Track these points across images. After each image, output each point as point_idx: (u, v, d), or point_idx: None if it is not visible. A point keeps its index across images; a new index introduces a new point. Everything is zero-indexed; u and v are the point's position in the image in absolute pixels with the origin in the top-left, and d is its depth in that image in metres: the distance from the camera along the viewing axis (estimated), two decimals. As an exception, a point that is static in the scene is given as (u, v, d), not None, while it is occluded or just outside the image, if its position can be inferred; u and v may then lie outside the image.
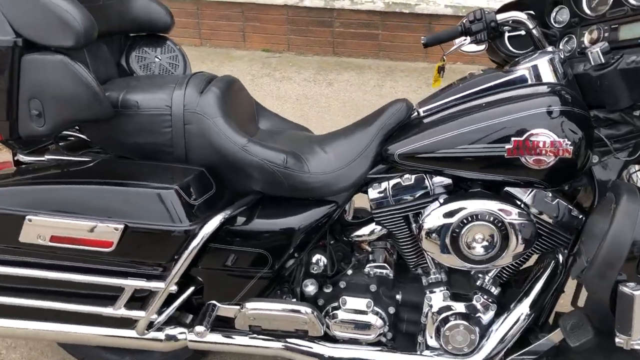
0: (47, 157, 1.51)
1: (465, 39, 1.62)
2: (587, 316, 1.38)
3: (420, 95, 3.69)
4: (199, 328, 1.40)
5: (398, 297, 1.56)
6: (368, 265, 1.59)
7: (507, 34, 1.68)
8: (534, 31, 1.54)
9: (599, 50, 1.34)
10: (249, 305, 1.45)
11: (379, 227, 1.55)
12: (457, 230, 1.37)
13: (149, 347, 1.52)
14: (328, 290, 1.58)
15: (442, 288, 1.52)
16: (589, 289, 1.25)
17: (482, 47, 1.71)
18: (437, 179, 1.46)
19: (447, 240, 1.39)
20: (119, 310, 1.39)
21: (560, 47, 1.53)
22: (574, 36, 1.50)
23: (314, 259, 1.59)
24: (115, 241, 1.31)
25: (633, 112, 1.39)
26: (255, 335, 1.49)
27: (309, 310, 1.47)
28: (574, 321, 1.38)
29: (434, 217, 1.40)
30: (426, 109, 1.49)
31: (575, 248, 1.45)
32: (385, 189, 1.48)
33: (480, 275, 1.54)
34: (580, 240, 1.38)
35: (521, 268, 1.56)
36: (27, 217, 1.31)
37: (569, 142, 1.31)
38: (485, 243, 1.38)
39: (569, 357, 1.48)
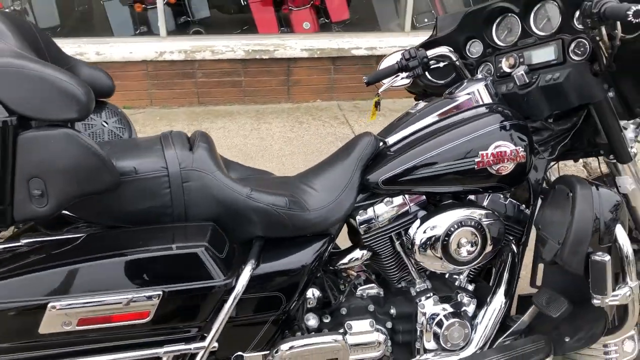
0: (23, 241, 1.39)
1: (397, 75, 1.85)
2: (555, 290, 1.65)
3: (297, 134, 3.92)
4: None
5: (392, 311, 1.69)
6: (359, 288, 1.70)
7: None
8: (457, 63, 1.81)
9: (522, 72, 1.65)
10: (284, 346, 1.48)
11: (364, 252, 1.68)
12: (447, 239, 1.56)
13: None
14: (329, 320, 1.65)
15: (429, 294, 1.69)
16: (566, 265, 1.51)
17: (408, 81, 1.95)
18: (413, 198, 1.64)
19: (439, 249, 1.57)
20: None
21: (479, 74, 1.83)
22: (490, 63, 1.80)
23: (308, 294, 1.65)
24: (152, 310, 1.26)
25: (549, 120, 1.72)
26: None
27: (339, 337, 1.54)
28: (547, 297, 1.65)
29: (423, 231, 1.58)
30: (394, 138, 1.67)
31: (523, 238, 1.73)
32: (372, 214, 1.62)
33: (455, 277, 1.74)
34: (538, 229, 1.65)
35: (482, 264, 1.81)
36: (50, 304, 1.20)
37: (522, 149, 1.59)
38: (469, 246, 1.59)
39: (541, 329, 1.74)
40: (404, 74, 1.84)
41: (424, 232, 1.57)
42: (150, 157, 1.40)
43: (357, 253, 1.67)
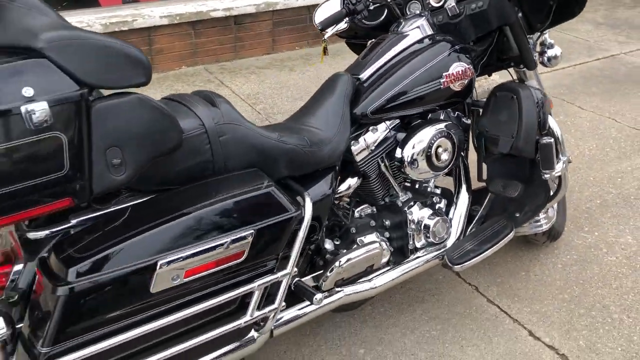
0: (73, 220, 1.37)
1: (352, 17, 2.05)
2: (504, 178, 2.06)
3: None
4: (319, 295, 1.56)
5: (387, 223, 1.96)
6: (356, 210, 1.94)
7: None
8: (391, 3, 2.08)
9: (454, 4, 1.98)
10: (343, 259, 1.67)
11: (355, 179, 1.90)
12: (429, 150, 1.86)
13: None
14: (339, 242, 1.87)
15: (412, 203, 1.98)
16: (522, 152, 1.90)
17: (346, 25, 2.17)
18: (390, 124, 1.90)
19: (424, 160, 1.87)
20: (254, 314, 1.42)
21: (409, 11, 2.11)
22: (417, 1, 2.10)
23: None
24: (246, 249, 1.36)
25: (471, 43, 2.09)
26: (335, 290, 1.70)
27: (377, 245, 1.77)
28: (501, 184, 2.05)
29: (410, 148, 1.85)
30: (366, 74, 1.89)
31: (466, 143, 2.11)
32: (363, 143, 1.85)
33: (425, 185, 2.05)
34: (484, 132, 2.02)
35: None
36: (159, 262, 1.24)
37: (471, 66, 1.93)
38: (445, 154, 1.90)
39: (495, 213, 2.15)
40: (347, 19, 2.06)
41: (412, 147, 1.85)
42: (186, 118, 1.45)
43: (351, 181, 1.89)
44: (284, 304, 1.55)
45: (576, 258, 2.50)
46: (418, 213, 1.97)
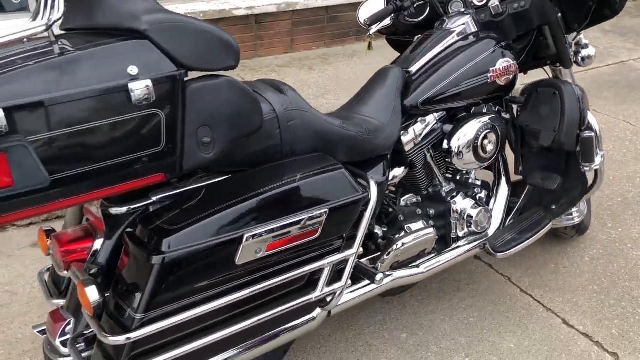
0: (153, 197, 1.43)
1: (397, 14, 2.13)
2: (542, 170, 2.14)
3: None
4: (380, 275, 1.63)
5: (431, 212, 2.03)
6: (402, 199, 2.01)
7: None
8: (435, 1, 2.16)
9: (497, 3, 2.06)
10: (401, 243, 1.73)
11: (400, 170, 1.97)
12: (476, 142, 1.93)
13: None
14: (387, 229, 1.94)
15: (455, 193, 2.06)
16: (563, 145, 1.98)
17: (389, 22, 2.25)
18: (437, 116, 1.98)
19: (471, 151, 1.94)
20: (324, 290, 1.49)
21: (451, 10, 2.19)
22: (459, 0, 2.18)
23: None
24: (320, 228, 1.43)
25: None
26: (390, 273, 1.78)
27: (431, 230, 1.84)
28: (540, 176, 2.13)
29: (458, 139, 1.93)
30: (415, 67, 1.97)
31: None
32: (412, 133, 1.93)
33: (466, 176, 2.13)
34: (525, 126, 2.10)
35: None
36: (245, 235, 1.31)
37: (515, 62, 2.01)
38: (490, 145, 1.98)
39: (532, 206, 2.23)
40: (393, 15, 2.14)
41: (460, 139, 1.92)
42: (262, 103, 1.52)
43: (398, 170, 1.96)
44: (349, 282, 1.62)
45: (602, 252, 2.58)
46: (461, 203, 2.04)
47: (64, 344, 1.45)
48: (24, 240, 2.55)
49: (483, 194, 2.13)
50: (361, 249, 1.59)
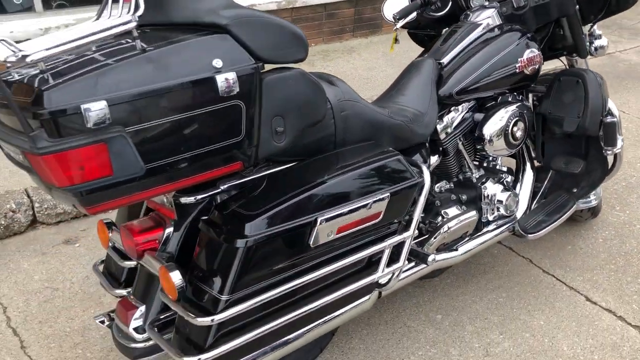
0: (222, 187, 1.49)
1: (422, 8, 2.22)
2: (566, 154, 2.25)
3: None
4: (432, 256, 1.72)
5: (463, 197, 2.12)
6: (436, 186, 2.10)
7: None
8: (460, -5, 2.25)
9: (521, -4, 2.16)
10: (450, 224, 1.83)
11: (434, 158, 2.05)
12: (507, 129, 2.03)
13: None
14: (427, 214, 2.02)
15: (485, 179, 2.15)
16: (587, 130, 2.09)
17: (414, 15, 2.33)
18: (467, 105, 2.07)
19: (502, 138, 2.04)
20: (385, 271, 1.57)
21: (474, 3, 2.29)
22: None
23: None
24: (382, 211, 1.51)
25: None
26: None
27: (474, 213, 1.93)
28: (563, 161, 2.24)
29: (490, 127, 2.02)
30: (447, 58, 2.05)
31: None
32: (447, 121, 2.02)
33: (494, 162, 2.22)
34: (547, 114, 2.21)
35: None
36: (319, 219, 1.38)
37: (539, 52, 2.11)
38: (519, 132, 2.08)
39: (555, 190, 2.34)
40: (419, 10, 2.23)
41: (492, 126, 2.02)
42: None
43: (433, 158, 2.04)
44: (406, 262, 1.70)
45: (614, 233, 2.71)
46: (491, 188, 2.13)
47: (137, 330, 1.51)
48: (55, 238, 2.58)
49: (509, 179, 2.23)
50: (416, 232, 1.68)
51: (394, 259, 1.66)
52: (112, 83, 1.13)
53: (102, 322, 1.72)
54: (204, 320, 1.31)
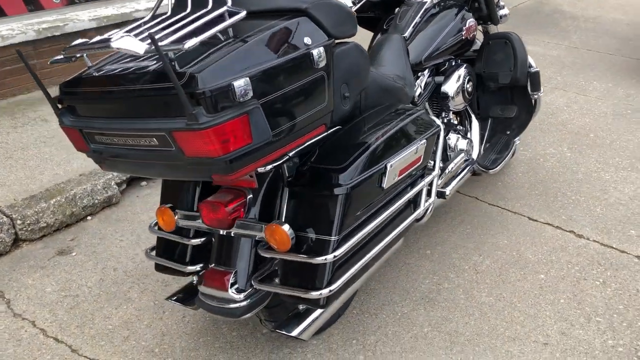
0: (290, 153, 1.71)
1: None
2: (499, 103, 2.76)
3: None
4: (449, 189, 2.07)
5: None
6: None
7: None
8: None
9: (449, -21, 2.61)
10: (450, 166, 2.19)
11: None
12: (463, 86, 2.47)
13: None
14: None
15: (447, 132, 2.57)
16: (519, 81, 2.60)
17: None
18: (428, 71, 2.48)
19: (460, 94, 2.47)
20: (424, 205, 1.90)
21: None
22: None
23: None
24: (422, 155, 1.83)
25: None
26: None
27: (464, 154, 2.33)
28: (499, 108, 2.74)
29: (452, 85, 2.44)
30: (408, 32, 2.42)
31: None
32: (417, 84, 2.40)
33: (448, 117, 2.65)
34: (482, 73, 2.69)
35: None
36: (389, 164, 1.66)
37: (475, 22, 2.57)
38: (471, 88, 2.52)
39: (493, 134, 2.84)
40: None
41: (452, 86, 2.44)
42: None
43: None
44: (434, 197, 2.04)
45: (527, 168, 3.31)
46: (453, 138, 2.56)
47: (237, 291, 1.67)
48: (47, 252, 2.53)
49: (462, 130, 2.68)
50: (438, 171, 2.03)
51: (427, 195, 2.00)
52: (245, 63, 1.32)
53: (178, 300, 1.84)
54: (324, 259, 1.54)
